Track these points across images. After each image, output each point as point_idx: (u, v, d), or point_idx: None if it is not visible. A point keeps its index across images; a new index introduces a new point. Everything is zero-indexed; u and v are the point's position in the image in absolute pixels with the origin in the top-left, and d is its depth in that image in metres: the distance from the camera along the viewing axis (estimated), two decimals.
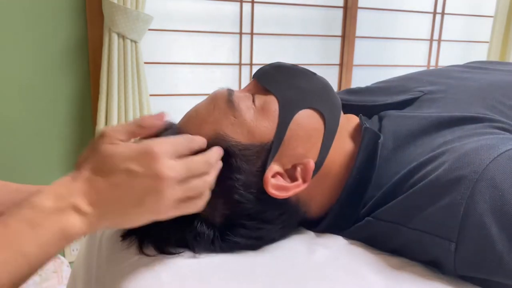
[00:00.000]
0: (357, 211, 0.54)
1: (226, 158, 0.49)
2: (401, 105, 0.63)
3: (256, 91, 0.56)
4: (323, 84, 0.58)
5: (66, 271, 1.58)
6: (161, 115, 0.47)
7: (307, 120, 0.53)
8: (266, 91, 0.55)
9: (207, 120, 0.52)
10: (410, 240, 0.48)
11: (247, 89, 0.57)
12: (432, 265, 0.48)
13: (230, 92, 0.54)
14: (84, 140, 1.74)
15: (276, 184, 0.50)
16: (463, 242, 0.43)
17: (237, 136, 0.50)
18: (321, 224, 0.56)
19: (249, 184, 0.50)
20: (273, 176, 0.51)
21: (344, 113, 0.60)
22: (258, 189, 0.50)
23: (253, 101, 0.54)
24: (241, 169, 0.49)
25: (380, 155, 0.54)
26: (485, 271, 0.43)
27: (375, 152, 0.54)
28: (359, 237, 0.54)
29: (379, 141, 0.55)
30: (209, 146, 0.49)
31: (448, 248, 0.43)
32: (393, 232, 0.49)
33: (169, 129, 0.52)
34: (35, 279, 1.54)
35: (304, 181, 0.51)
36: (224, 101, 0.53)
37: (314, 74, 0.59)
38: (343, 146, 0.56)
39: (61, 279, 1.57)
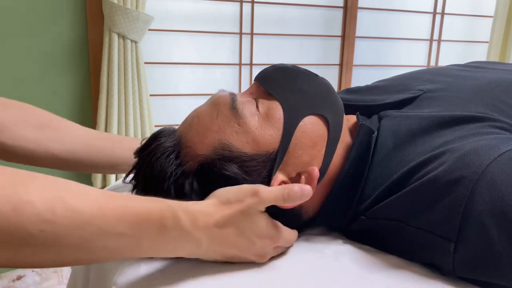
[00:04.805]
0: (352, 207, 0.53)
1: (232, 170, 0.48)
2: (401, 104, 0.63)
3: (259, 95, 0.55)
4: (326, 87, 0.57)
5: (66, 271, 1.58)
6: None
7: (312, 127, 0.52)
8: (269, 95, 0.54)
9: (210, 129, 0.50)
10: (408, 239, 0.48)
11: (249, 92, 0.56)
12: (431, 266, 0.48)
13: (233, 97, 0.53)
14: None
15: None
16: (462, 243, 0.42)
17: (242, 145, 0.49)
18: (314, 221, 0.55)
19: None
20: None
21: (345, 113, 0.60)
22: None
23: (257, 106, 0.52)
24: (246, 183, 0.48)
25: (380, 153, 0.54)
26: (484, 272, 0.43)
27: (368, 146, 0.54)
28: (357, 235, 0.54)
29: (373, 135, 0.54)
30: (214, 155, 0.49)
31: (448, 248, 0.43)
32: (391, 230, 0.49)
33: (169, 136, 0.51)
34: (35, 278, 1.54)
35: None
36: (227, 107, 0.51)
37: (316, 75, 0.58)
38: (344, 148, 0.56)
39: (61, 278, 1.57)
